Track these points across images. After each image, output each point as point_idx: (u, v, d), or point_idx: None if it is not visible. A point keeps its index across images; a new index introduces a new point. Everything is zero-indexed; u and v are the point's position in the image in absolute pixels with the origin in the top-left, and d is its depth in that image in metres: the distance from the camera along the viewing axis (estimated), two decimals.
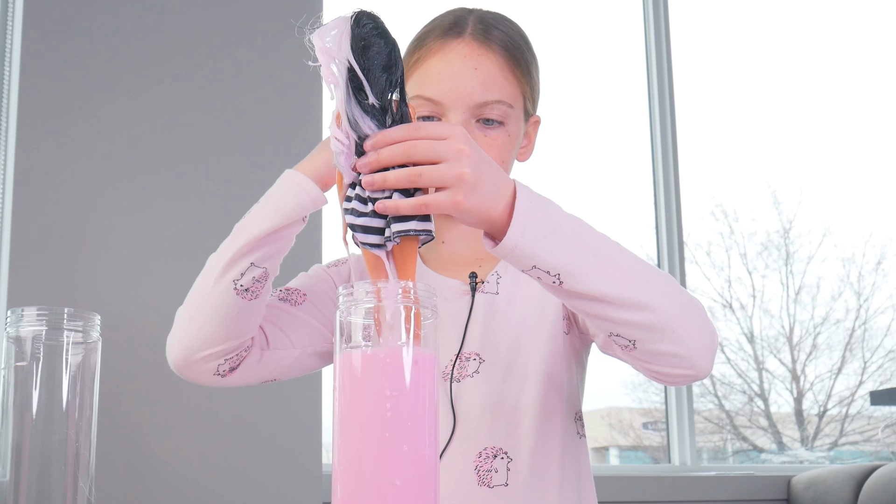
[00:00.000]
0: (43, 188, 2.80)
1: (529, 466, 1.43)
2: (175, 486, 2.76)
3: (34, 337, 1.01)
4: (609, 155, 3.94)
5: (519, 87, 1.50)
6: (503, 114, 1.47)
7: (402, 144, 1.05)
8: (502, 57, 1.48)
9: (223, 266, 1.33)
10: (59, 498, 0.99)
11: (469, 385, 1.45)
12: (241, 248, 1.31)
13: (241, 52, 3.03)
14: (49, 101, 2.84)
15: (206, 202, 2.91)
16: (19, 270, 2.73)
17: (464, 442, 1.44)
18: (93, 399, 1.03)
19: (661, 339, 1.18)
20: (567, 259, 1.13)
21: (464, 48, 1.48)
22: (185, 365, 1.41)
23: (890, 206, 4.41)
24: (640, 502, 3.40)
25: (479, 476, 1.42)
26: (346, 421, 0.92)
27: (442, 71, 1.47)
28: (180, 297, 1.48)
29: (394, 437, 0.91)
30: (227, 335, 1.37)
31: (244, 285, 1.33)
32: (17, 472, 0.98)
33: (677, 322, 1.18)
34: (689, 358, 1.19)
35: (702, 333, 1.20)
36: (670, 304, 1.18)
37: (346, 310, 0.96)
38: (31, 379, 1.00)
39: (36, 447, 0.99)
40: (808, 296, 4.32)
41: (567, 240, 1.13)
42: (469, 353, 1.47)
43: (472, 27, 1.50)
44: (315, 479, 2.89)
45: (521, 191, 1.12)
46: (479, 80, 1.45)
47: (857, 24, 4.51)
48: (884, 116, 4.45)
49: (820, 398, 4.31)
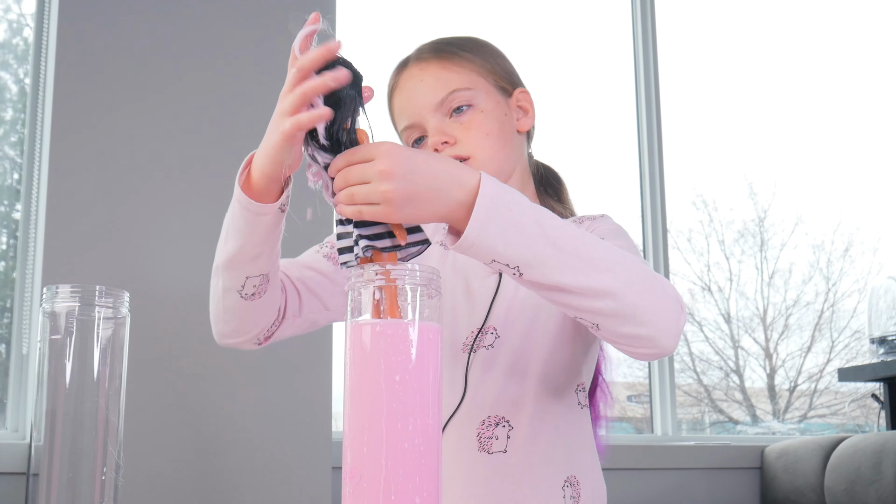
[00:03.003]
0: (76, 175, 2.79)
1: (527, 434, 1.42)
2: (194, 450, 2.76)
3: (68, 312, 1.00)
4: (598, 148, 3.94)
5: (471, 71, 1.54)
6: (466, 98, 1.52)
7: (340, 172, 1.07)
8: (444, 58, 1.55)
9: (223, 280, 1.35)
10: (90, 462, 0.98)
11: (482, 357, 1.45)
12: (227, 263, 1.32)
13: (259, 51, 3.03)
14: (83, 90, 2.83)
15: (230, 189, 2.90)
16: (54, 250, 2.73)
17: (470, 410, 1.44)
18: (122, 370, 1.03)
19: (622, 323, 1.17)
20: (527, 252, 1.11)
21: (409, 72, 1.57)
22: (223, 343, 1.44)
23: (857, 198, 4.41)
24: (625, 469, 3.40)
25: (481, 443, 1.42)
26: (357, 391, 0.92)
27: (401, 100, 1.57)
28: (203, 278, 1.48)
29: (401, 407, 0.91)
30: (250, 328, 1.41)
31: (248, 292, 1.34)
32: (52, 437, 0.98)
33: (640, 308, 1.17)
34: (652, 338, 1.19)
35: (665, 315, 1.19)
36: (633, 290, 1.17)
37: (357, 288, 0.96)
38: (65, 351, 0.99)
39: (69, 414, 0.99)
40: (781, 280, 4.32)
41: (527, 233, 1.11)
42: (489, 327, 1.47)
43: (413, 56, 1.58)
44: (325, 446, 2.89)
45: (485, 187, 1.10)
46: (428, 86, 1.53)
47: (826, 30, 4.51)
48: (852, 115, 4.45)
49: (791, 374, 4.32)
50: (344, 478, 0.92)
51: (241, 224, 1.27)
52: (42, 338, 1.00)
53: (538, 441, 1.43)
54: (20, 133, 3.00)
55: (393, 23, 3.65)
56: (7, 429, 2.80)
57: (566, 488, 1.43)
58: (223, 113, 2.96)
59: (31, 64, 2.99)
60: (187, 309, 2.77)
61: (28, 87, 3.00)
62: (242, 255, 1.29)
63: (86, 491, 0.98)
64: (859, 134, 4.45)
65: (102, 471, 0.99)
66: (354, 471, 0.90)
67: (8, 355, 2.86)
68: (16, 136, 3.01)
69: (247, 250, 1.29)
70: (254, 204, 1.25)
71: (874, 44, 4.62)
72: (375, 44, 3.46)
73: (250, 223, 1.26)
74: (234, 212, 1.27)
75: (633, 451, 3.48)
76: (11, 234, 2.95)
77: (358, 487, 0.90)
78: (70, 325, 1.00)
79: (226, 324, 1.39)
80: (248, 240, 1.27)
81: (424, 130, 1.52)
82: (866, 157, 4.45)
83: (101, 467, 0.99)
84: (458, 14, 3.75)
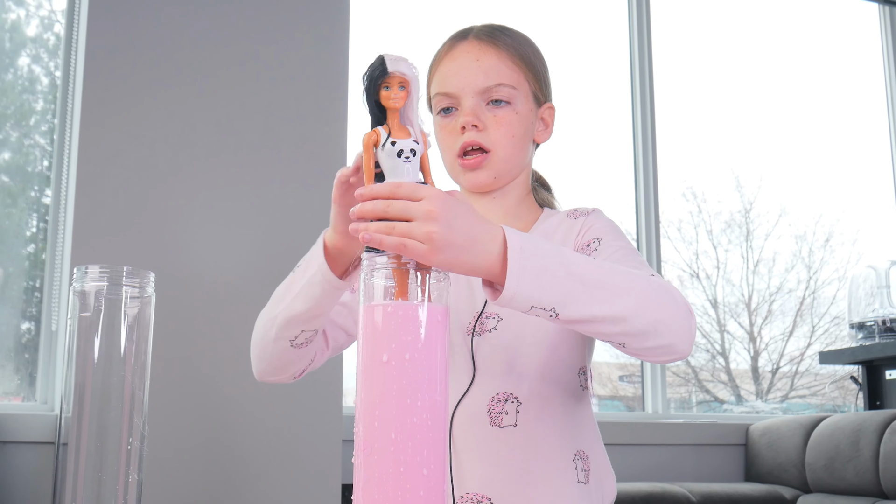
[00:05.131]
0: (103, 162, 2.79)
1: (535, 410, 1.42)
2: (212, 422, 2.76)
3: (97, 291, 1.00)
4: (595, 144, 3.95)
5: (521, 72, 1.53)
6: (508, 95, 1.50)
7: (381, 201, 1.01)
8: (502, 49, 1.52)
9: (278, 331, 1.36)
10: (116, 432, 0.98)
11: (488, 339, 1.45)
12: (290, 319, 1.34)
13: (282, 45, 3.02)
14: (111, 82, 2.82)
15: (252, 177, 2.90)
16: (82, 233, 2.73)
17: (480, 388, 1.43)
18: (147, 346, 1.03)
19: (645, 339, 1.19)
20: (560, 293, 1.12)
21: (467, 46, 1.53)
22: (262, 380, 1.49)
23: (838, 192, 4.41)
24: (618, 444, 3.41)
25: (492, 417, 1.42)
26: (369, 369, 0.92)
27: (451, 68, 1.53)
28: (226, 261, 1.48)
29: (410, 384, 0.90)
30: (290, 369, 1.44)
31: (300, 342, 1.37)
32: (80, 409, 0.98)
33: (659, 322, 1.19)
34: (672, 346, 1.21)
35: (680, 325, 1.21)
36: (651, 307, 1.19)
37: (368, 272, 0.96)
38: (94, 328, 0.99)
39: (97, 388, 0.98)
40: (765, 268, 4.31)
41: (557, 275, 1.12)
42: (490, 312, 1.46)
43: (475, 32, 1.55)
44: (336, 420, 2.89)
45: (511, 238, 1.09)
46: (481, 69, 1.50)
47: (811, 34, 4.50)
48: (834, 114, 4.45)
49: (773, 357, 4.31)
50: (356, 450, 0.92)
51: (317, 292, 1.29)
52: (72, 315, 1.00)
53: (545, 417, 1.42)
54: (50, 123, 2.99)
55: (405, 20, 3.64)
56: (37, 401, 2.81)
57: (577, 461, 1.43)
58: (243, 104, 2.95)
59: (62, 58, 2.98)
60: (209, 289, 2.77)
61: (58, 80, 3.00)
62: (307, 315, 1.32)
63: (112, 459, 0.97)
64: (841, 131, 4.45)
65: (128, 440, 0.99)
66: (366, 443, 0.90)
67: (37, 332, 2.86)
68: (46, 126, 3.01)
69: (313, 312, 1.32)
70: (336, 280, 1.27)
71: (855, 47, 4.61)
72: (388, 41, 3.45)
73: (326, 293, 1.29)
74: (312, 279, 1.29)
75: (625, 427, 3.48)
76: (41, 218, 2.95)
77: (369, 459, 0.90)
78: (99, 303, 1.00)
79: (269, 365, 1.43)
80: (317, 304, 1.31)
81: (458, 105, 1.50)
82: (847, 154, 4.45)
83: (127, 437, 0.99)
84: (455, 8, 3.73)
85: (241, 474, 2.77)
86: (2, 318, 2.87)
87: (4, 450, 2.61)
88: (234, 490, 2.75)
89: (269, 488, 2.78)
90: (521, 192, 1.58)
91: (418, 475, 0.89)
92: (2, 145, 2.97)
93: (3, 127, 2.97)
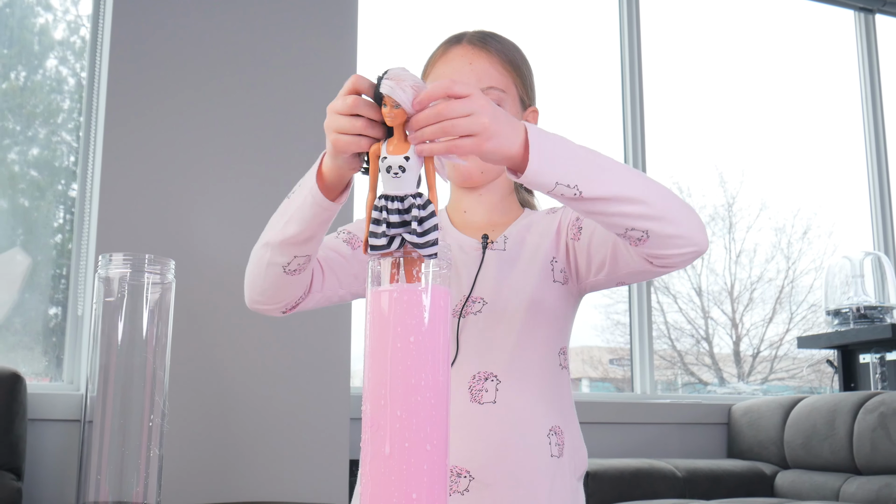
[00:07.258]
0: (127, 157, 2.79)
1: (513, 388, 1.42)
2: (228, 400, 2.77)
3: (120, 278, 0.99)
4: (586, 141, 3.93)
5: (509, 76, 1.53)
6: (497, 97, 1.50)
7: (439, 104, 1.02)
8: (493, 54, 1.53)
9: (271, 255, 1.33)
10: (139, 410, 0.98)
11: (472, 321, 1.45)
12: (283, 242, 1.31)
13: (299, 45, 3.01)
14: (134, 83, 2.82)
15: (266, 171, 2.90)
16: (106, 224, 2.73)
17: (462, 367, 1.44)
18: (167, 330, 1.02)
19: (668, 224, 1.20)
20: (581, 172, 1.14)
21: (461, 51, 1.54)
22: (253, 308, 1.44)
23: (815, 187, 4.41)
24: (608, 423, 3.41)
25: (472, 394, 1.42)
26: (376, 351, 0.92)
27: (445, 71, 1.53)
28: (241, 250, 1.48)
29: (414, 364, 0.90)
30: (281, 298, 1.40)
31: (292, 269, 1.34)
32: (104, 388, 0.97)
33: (674, 209, 1.21)
34: (690, 237, 1.22)
35: (691, 216, 1.23)
36: (664, 197, 1.20)
37: (376, 259, 0.95)
38: (117, 312, 0.99)
39: (120, 369, 0.98)
40: (747, 258, 4.31)
41: (577, 155, 1.15)
42: (476, 296, 1.47)
43: (468, 37, 1.55)
44: (344, 399, 2.89)
45: (532, 129, 1.12)
46: (474, 72, 1.51)
47: (791, 38, 4.50)
48: (812, 114, 4.45)
49: (754, 342, 4.31)
50: (363, 427, 0.92)
51: (308, 214, 1.26)
52: (97, 300, 1.00)
53: (523, 394, 1.42)
54: (76, 121, 2.99)
55: (411, 19, 3.63)
56: (63, 381, 2.81)
57: (551, 436, 1.43)
58: (257, 103, 2.95)
59: (88, 59, 2.98)
60: (226, 277, 2.77)
61: (84, 81, 2.99)
62: (299, 237, 1.29)
63: (135, 436, 0.97)
64: (818, 130, 4.45)
65: (150, 418, 0.98)
66: (373, 421, 0.90)
67: (64, 317, 2.86)
68: (72, 124, 3.01)
69: (304, 234, 1.29)
70: (326, 201, 1.24)
71: (832, 51, 4.60)
72: (394, 39, 3.45)
73: (317, 215, 1.26)
74: (304, 202, 1.26)
75: (614, 407, 3.48)
76: (68, 209, 2.94)
77: (376, 435, 0.90)
78: (122, 289, 0.99)
79: (262, 292, 1.40)
80: (309, 226, 1.27)
81: None
82: (824, 151, 4.45)
83: (149, 415, 0.98)
84: (456, 8, 3.73)
85: (254, 449, 2.77)
86: (30, 304, 2.87)
87: (34, 427, 2.61)
88: (249, 464, 2.76)
89: (281, 462, 2.79)
90: (505, 190, 1.59)
91: (422, 450, 0.89)
92: (31, 142, 2.96)
93: (33, 124, 2.97)
